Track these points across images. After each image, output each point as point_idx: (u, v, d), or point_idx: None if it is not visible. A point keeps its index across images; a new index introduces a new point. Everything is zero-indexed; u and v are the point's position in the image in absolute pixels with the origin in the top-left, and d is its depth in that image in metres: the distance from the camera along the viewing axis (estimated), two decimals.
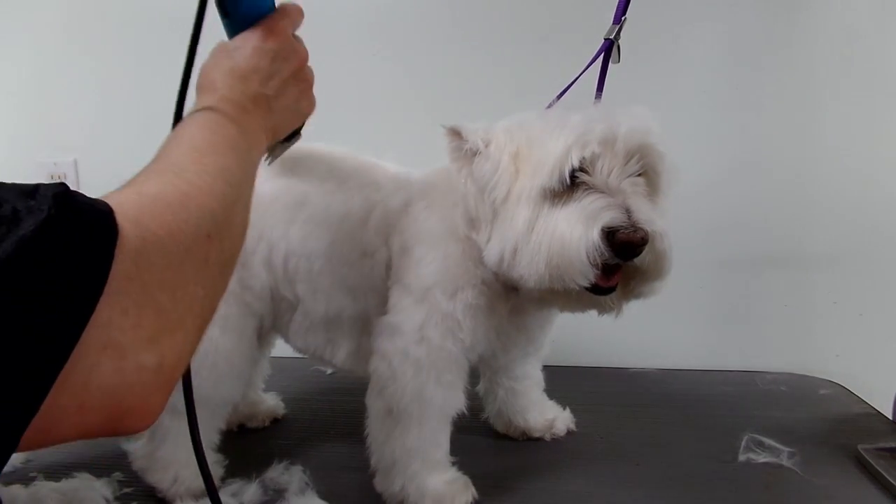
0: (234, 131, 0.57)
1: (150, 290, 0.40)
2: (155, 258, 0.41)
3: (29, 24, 1.36)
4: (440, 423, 0.78)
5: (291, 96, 0.66)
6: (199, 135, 0.55)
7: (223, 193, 0.50)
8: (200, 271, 0.45)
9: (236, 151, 0.55)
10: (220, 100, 0.59)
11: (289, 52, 0.65)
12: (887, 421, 0.99)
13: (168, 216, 0.43)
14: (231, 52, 0.63)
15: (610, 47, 0.81)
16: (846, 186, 1.21)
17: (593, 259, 0.62)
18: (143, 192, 0.45)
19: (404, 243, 0.77)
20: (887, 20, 1.17)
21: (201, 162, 0.51)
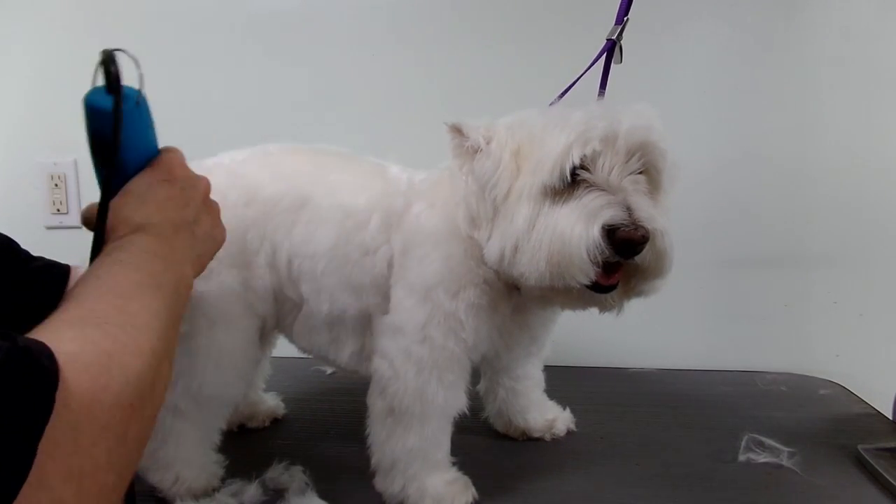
0: (160, 266, 0.52)
1: (52, 482, 0.33)
2: (61, 439, 0.34)
3: (29, 24, 1.36)
4: (441, 424, 0.78)
5: (207, 223, 0.63)
6: (120, 275, 0.48)
7: (150, 349, 0.44)
8: (115, 452, 0.38)
9: (162, 290, 0.50)
10: (138, 231, 0.54)
11: (194, 179, 0.62)
12: (887, 421, 0.99)
13: (84, 382, 0.36)
14: (136, 191, 0.57)
15: (612, 47, 0.81)
16: (846, 186, 1.21)
17: (594, 257, 0.62)
18: (59, 350, 0.37)
19: (407, 243, 0.77)
20: (886, 19, 1.17)
21: (125, 310, 0.45)
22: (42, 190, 1.40)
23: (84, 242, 0.56)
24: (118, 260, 0.50)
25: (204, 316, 0.77)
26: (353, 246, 0.79)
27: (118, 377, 0.39)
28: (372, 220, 0.79)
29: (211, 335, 0.77)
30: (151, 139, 0.61)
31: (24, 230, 0.77)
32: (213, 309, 0.77)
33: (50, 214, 1.41)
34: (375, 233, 0.79)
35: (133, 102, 0.57)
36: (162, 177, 0.59)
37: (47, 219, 1.41)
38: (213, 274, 0.76)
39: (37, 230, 1.41)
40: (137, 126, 0.58)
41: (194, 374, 0.77)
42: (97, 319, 0.43)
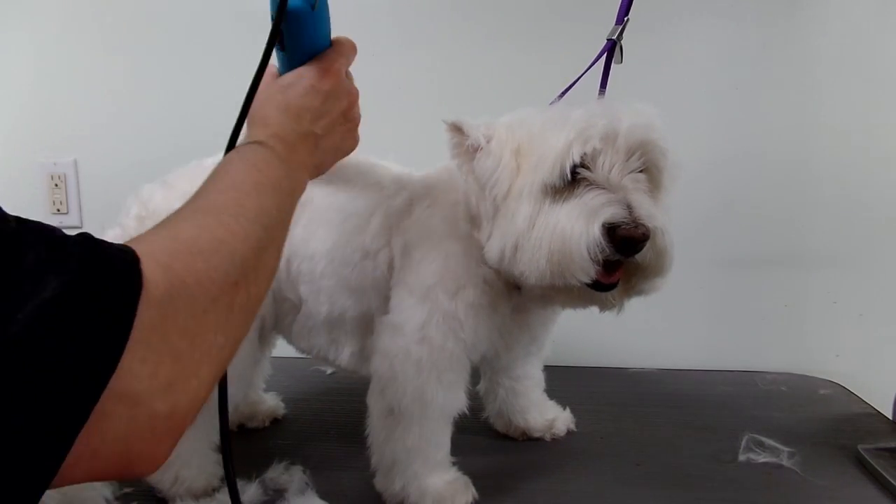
0: (281, 172, 0.58)
1: (171, 338, 0.40)
2: (180, 306, 0.41)
3: (29, 25, 1.36)
4: (441, 424, 0.78)
5: (338, 135, 0.67)
6: (244, 173, 0.55)
7: (257, 238, 0.50)
8: (224, 319, 0.45)
9: (278, 193, 0.56)
10: (271, 136, 0.60)
11: (341, 92, 0.66)
12: (887, 421, 0.99)
13: (199, 263, 0.43)
14: (285, 88, 0.63)
15: (612, 48, 0.81)
16: (846, 186, 1.21)
17: (594, 255, 0.62)
18: (177, 237, 0.45)
19: (406, 243, 0.77)
20: (886, 18, 1.17)
21: (241, 204, 0.51)
22: (42, 190, 1.40)
23: None
24: (246, 158, 0.57)
25: None
26: (353, 248, 0.79)
27: (226, 258, 0.46)
28: (372, 222, 0.79)
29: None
30: (324, 34, 0.64)
31: None
32: None
33: (50, 214, 1.41)
34: (375, 235, 0.79)
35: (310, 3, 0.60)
36: (311, 82, 0.63)
37: (47, 219, 1.39)
38: None
39: None
40: (310, 23, 0.62)
41: None
42: (216, 209, 0.50)
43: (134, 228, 0.80)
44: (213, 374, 0.44)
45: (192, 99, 1.32)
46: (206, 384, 0.44)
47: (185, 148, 0.88)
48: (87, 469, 0.37)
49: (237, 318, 0.47)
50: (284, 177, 0.58)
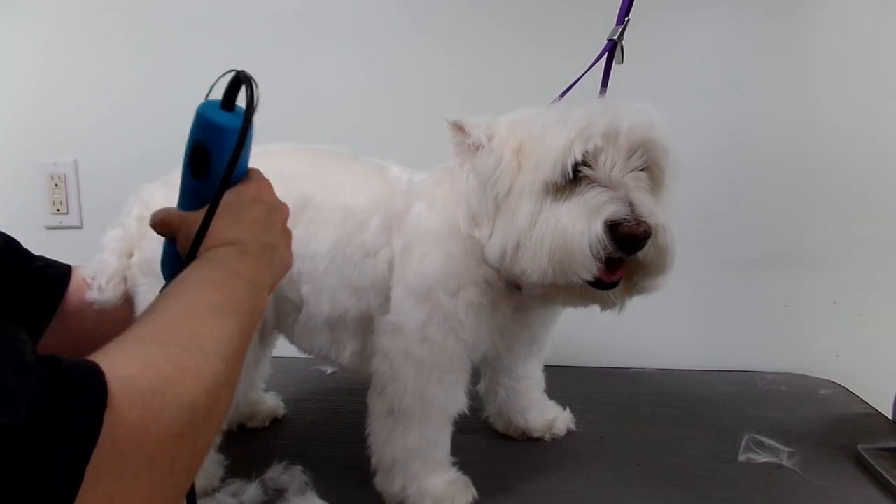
0: (243, 290, 0.52)
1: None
2: (105, 471, 0.33)
3: (29, 25, 1.36)
4: (441, 424, 0.78)
5: (283, 248, 0.63)
6: (202, 293, 0.49)
7: (213, 375, 0.43)
8: (160, 482, 0.37)
9: (239, 315, 0.49)
10: (229, 246, 0.54)
11: (278, 205, 0.63)
12: (887, 421, 0.99)
13: (135, 411, 0.36)
14: (229, 206, 0.57)
15: (613, 48, 0.81)
16: (846, 186, 1.21)
17: (596, 252, 0.62)
18: (115, 373, 0.36)
19: (407, 243, 0.77)
20: (886, 18, 1.17)
21: (197, 332, 0.44)
22: (42, 190, 1.40)
23: (83, 242, 0.56)
24: (204, 277, 0.50)
25: None
26: (354, 247, 0.79)
27: (172, 405, 0.38)
28: (372, 222, 0.79)
29: None
30: (246, 157, 0.61)
31: (24, 230, 0.77)
32: None
33: (50, 214, 1.41)
34: (376, 234, 0.79)
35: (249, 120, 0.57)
36: (253, 197, 0.59)
37: (47, 219, 1.41)
38: None
39: (37, 230, 1.41)
40: (248, 142, 0.58)
41: None
42: (166, 339, 0.42)
43: (135, 228, 0.80)
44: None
45: (192, 99, 1.31)
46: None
47: None
48: None
49: (177, 479, 0.39)
50: (246, 296, 0.51)
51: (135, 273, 0.79)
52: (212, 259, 0.53)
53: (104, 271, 0.78)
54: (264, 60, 1.30)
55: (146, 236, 0.79)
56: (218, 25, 1.31)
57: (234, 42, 1.31)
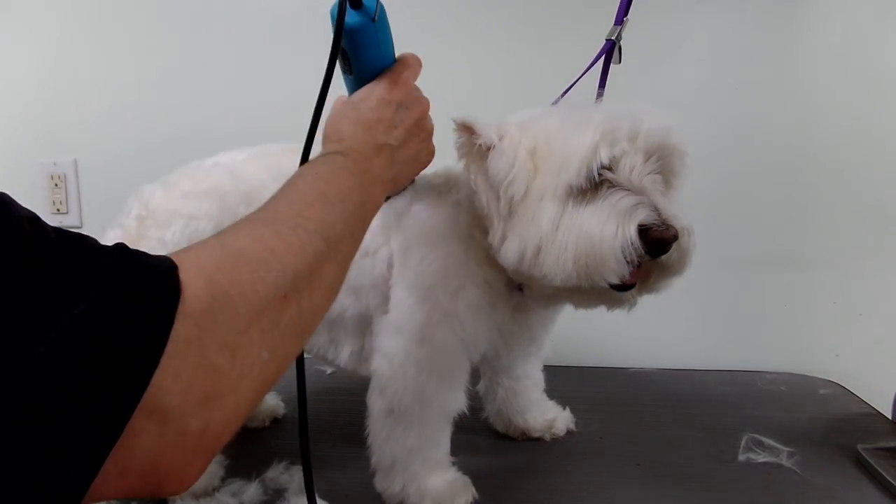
0: (351, 183, 0.56)
1: (208, 353, 0.38)
2: (221, 318, 0.39)
3: (29, 25, 1.36)
4: (441, 423, 0.78)
5: (413, 146, 0.66)
6: (310, 184, 0.54)
7: (315, 251, 0.48)
8: (269, 334, 0.42)
9: (345, 204, 0.54)
10: (344, 149, 0.59)
11: (412, 101, 0.65)
12: (887, 421, 0.99)
13: (244, 274, 0.42)
14: (356, 104, 0.63)
15: (612, 48, 0.81)
16: (846, 186, 1.21)
17: (629, 256, 0.62)
18: (225, 245, 0.44)
19: (406, 242, 0.77)
20: (886, 18, 1.17)
21: (303, 215, 0.50)
22: (42, 190, 1.40)
23: None
24: (315, 171, 0.56)
25: None
26: None
27: (276, 271, 0.44)
28: (372, 221, 0.79)
29: None
30: (387, 49, 0.65)
31: None
32: None
33: (50, 214, 1.41)
34: (375, 234, 0.79)
35: (371, 13, 0.61)
36: (382, 94, 0.63)
37: (47, 219, 1.37)
38: None
39: None
40: (373, 37, 0.63)
41: None
42: (274, 220, 0.49)
43: (134, 229, 0.80)
44: (254, 390, 0.42)
45: (192, 99, 1.32)
46: (246, 401, 0.41)
47: (186, 148, 0.88)
48: (115, 487, 0.36)
49: (286, 334, 0.44)
50: (355, 188, 0.56)
51: None
52: (325, 160, 0.58)
53: None
54: (264, 60, 1.31)
55: (145, 237, 0.79)
56: (218, 26, 1.31)
57: (235, 42, 1.31)
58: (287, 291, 0.44)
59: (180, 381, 0.36)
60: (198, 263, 0.40)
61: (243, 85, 1.30)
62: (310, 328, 0.50)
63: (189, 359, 0.37)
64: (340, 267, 0.53)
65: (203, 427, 0.38)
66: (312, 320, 0.49)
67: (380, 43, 0.64)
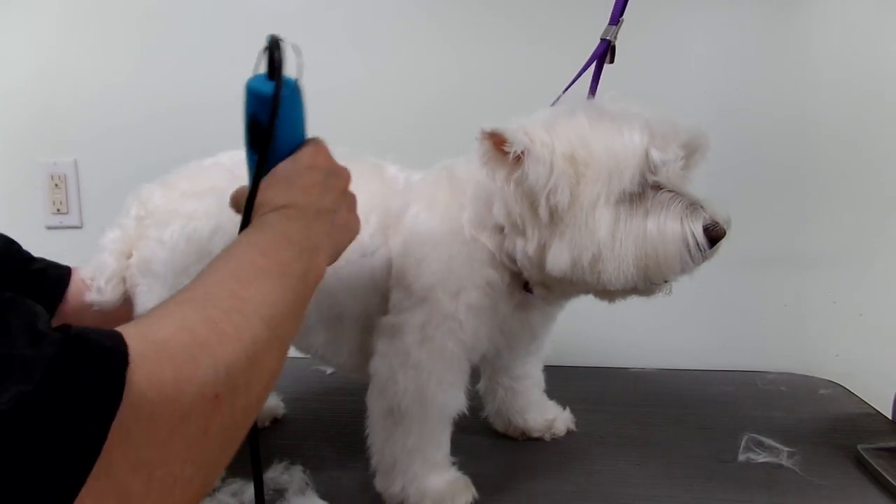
0: (290, 253, 0.51)
1: (118, 474, 0.33)
2: (135, 428, 0.33)
3: (29, 24, 1.36)
4: (441, 424, 0.78)
5: (345, 213, 0.63)
6: (246, 257, 0.48)
7: (252, 339, 0.42)
8: (195, 445, 0.37)
9: (287, 279, 0.49)
10: (282, 210, 0.54)
11: (337, 169, 0.63)
12: (887, 421, 0.99)
13: (167, 371, 0.36)
14: (284, 175, 0.58)
15: (607, 48, 0.81)
16: (846, 186, 1.21)
17: (696, 255, 0.64)
18: (145, 336, 0.37)
19: (405, 243, 0.77)
20: (886, 18, 1.17)
21: (238, 296, 0.44)
22: (42, 190, 1.40)
23: (83, 242, 0.56)
24: (251, 242, 0.51)
25: None
26: (351, 247, 0.79)
27: (206, 367, 0.38)
28: (370, 222, 0.79)
29: None
30: (302, 127, 0.63)
31: (24, 230, 0.77)
32: None
33: (50, 214, 1.41)
34: (373, 234, 0.79)
35: (291, 90, 0.58)
36: (308, 163, 0.60)
37: (47, 219, 1.41)
38: None
39: (37, 230, 1.41)
40: (292, 113, 0.60)
41: None
42: (206, 302, 0.43)
43: (133, 229, 0.80)
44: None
45: (192, 99, 1.32)
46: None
47: (186, 148, 0.88)
48: None
49: (214, 442, 0.39)
50: (295, 259, 0.51)
51: (133, 273, 0.79)
52: (261, 224, 0.53)
53: (103, 272, 0.78)
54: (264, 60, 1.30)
55: (144, 237, 0.79)
56: (218, 25, 1.31)
57: (235, 42, 1.31)
58: (218, 390, 0.38)
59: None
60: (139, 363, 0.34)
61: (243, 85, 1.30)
62: (244, 428, 0.44)
63: (100, 483, 0.32)
64: (281, 352, 0.48)
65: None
66: (247, 419, 0.44)
67: (300, 117, 0.62)
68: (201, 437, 0.37)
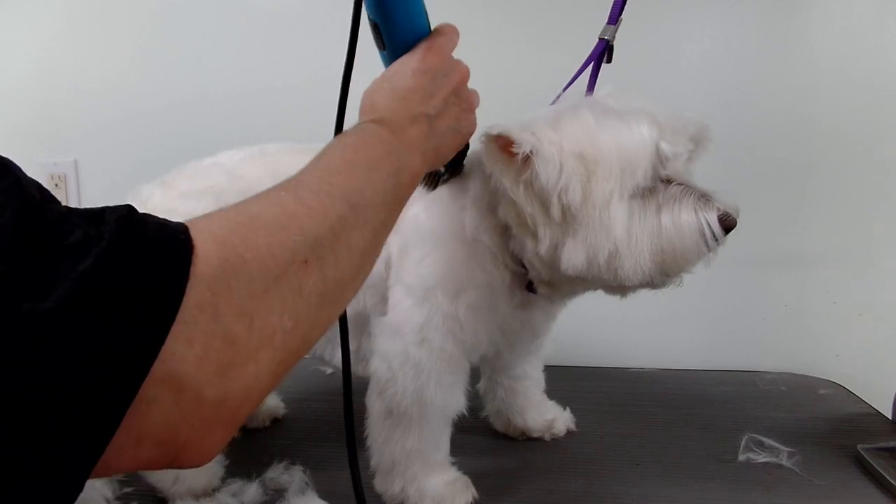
0: (381, 151, 0.55)
1: (224, 319, 0.36)
2: (235, 284, 0.37)
3: (29, 24, 1.36)
4: (440, 425, 0.78)
5: (452, 115, 0.64)
6: (339, 153, 0.53)
7: (339, 216, 0.46)
8: (290, 300, 0.40)
9: (375, 172, 0.52)
10: (377, 118, 0.58)
11: (448, 69, 0.64)
12: (887, 421, 0.99)
13: (260, 238, 0.40)
14: (390, 76, 0.63)
15: (605, 48, 0.80)
16: (846, 186, 1.21)
17: (713, 246, 0.66)
18: (241, 210, 0.42)
19: (404, 243, 0.77)
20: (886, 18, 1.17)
21: (328, 181, 0.48)
22: None
23: None
24: (345, 141, 0.55)
25: None
26: None
27: (295, 234, 0.42)
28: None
29: None
30: (421, 21, 0.64)
31: None
32: None
33: None
34: None
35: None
36: (416, 64, 0.62)
37: None
38: None
39: None
40: (404, 7, 0.62)
41: None
42: (296, 186, 0.47)
43: None
44: (276, 361, 0.40)
45: (192, 99, 1.32)
46: (267, 372, 0.39)
47: (186, 148, 0.88)
48: (131, 458, 0.34)
49: (310, 302, 0.42)
50: (385, 156, 0.54)
51: None
52: (356, 130, 0.57)
53: None
54: (264, 60, 1.30)
55: None
56: (218, 25, 1.31)
57: (235, 42, 1.31)
58: (308, 257, 0.42)
59: (194, 349, 0.35)
60: (210, 226, 0.38)
61: (244, 85, 1.30)
62: (339, 298, 0.48)
63: (202, 325, 0.35)
64: (373, 236, 0.50)
65: (220, 397, 0.36)
66: (341, 290, 0.47)
67: (411, 13, 0.63)
68: (296, 295, 0.41)
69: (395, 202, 0.55)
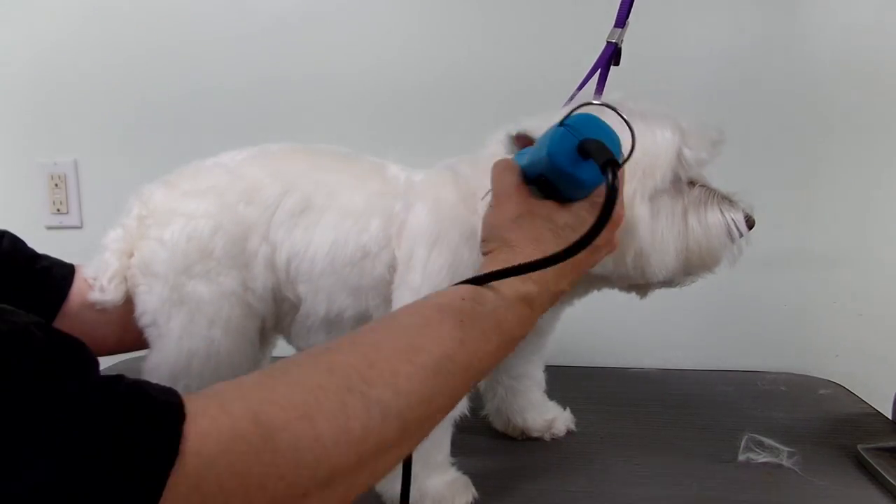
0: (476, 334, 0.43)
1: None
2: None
3: (29, 24, 1.36)
4: (443, 425, 0.78)
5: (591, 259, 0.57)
6: (412, 330, 0.41)
7: (379, 438, 0.36)
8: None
9: (441, 376, 0.41)
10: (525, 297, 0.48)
11: (612, 247, 0.58)
12: (887, 421, 0.99)
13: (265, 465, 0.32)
14: (561, 228, 0.51)
15: (614, 51, 0.80)
16: (846, 186, 1.21)
17: (738, 245, 0.67)
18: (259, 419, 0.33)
19: (409, 245, 0.76)
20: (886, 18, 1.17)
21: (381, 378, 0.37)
22: (42, 190, 1.40)
23: (83, 242, 0.56)
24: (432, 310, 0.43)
25: (203, 317, 0.77)
26: (353, 248, 0.79)
27: (308, 467, 0.33)
28: (371, 222, 0.79)
29: (210, 336, 0.77)
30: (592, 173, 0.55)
31: (24, 230, 0.77)
32: (212, 309, 0.77)
33: (50, 214, 1.41)
34: (375, 235, 0.79)
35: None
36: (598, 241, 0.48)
37: (47, 219, 1.41)
38: (212, 275, 0.76)
39: (37, 230, 1.41)
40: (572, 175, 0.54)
41: (192, 376, 0.77)
42: (336, 376, 0.36)
43: (135, 228, 0.80)
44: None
45: (193, 99, 1.32)
46: None
47: (186, 148, 0.88)
48: None
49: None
50: (462, 352, 0.42)
51: (134, 273, 0.79)
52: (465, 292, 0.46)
53: (105, 271, 0.78)
54: (266, 60, 1.31)
55: (145, 236, 0.79)
56: (218, 25, 1.31)
57: (235, 42, 1.31)
58: (307, 489, 0.34)
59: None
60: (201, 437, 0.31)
61: (245, 85, 1.30)
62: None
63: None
64: (406, 449, 0.42)
65: None
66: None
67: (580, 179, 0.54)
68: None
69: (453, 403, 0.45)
